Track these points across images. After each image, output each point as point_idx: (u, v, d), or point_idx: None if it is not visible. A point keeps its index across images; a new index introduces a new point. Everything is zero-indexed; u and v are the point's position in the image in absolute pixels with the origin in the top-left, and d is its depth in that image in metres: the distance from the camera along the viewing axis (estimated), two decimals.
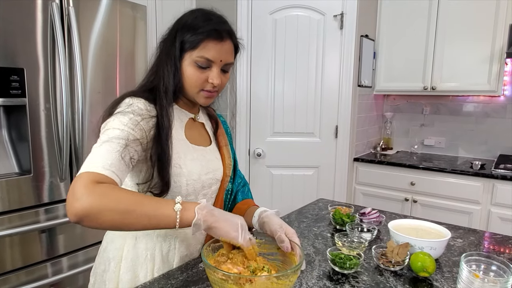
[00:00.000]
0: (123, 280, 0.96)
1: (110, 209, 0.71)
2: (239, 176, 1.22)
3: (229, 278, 0.73)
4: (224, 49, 0.93)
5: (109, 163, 0.77)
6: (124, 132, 0.83)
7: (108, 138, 0.81)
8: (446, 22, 2.64)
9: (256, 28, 2.52)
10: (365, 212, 1.34)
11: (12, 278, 1.48)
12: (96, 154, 0.78)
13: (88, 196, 0.70)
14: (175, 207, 0.76)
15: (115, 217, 0.72)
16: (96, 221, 0.71)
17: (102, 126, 0.86)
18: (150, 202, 0.76)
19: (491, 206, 2.37)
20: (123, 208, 0.72)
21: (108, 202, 0.71)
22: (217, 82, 0.93)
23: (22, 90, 1.46)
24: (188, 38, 0.91)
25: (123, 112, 0.87)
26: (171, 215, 0.75)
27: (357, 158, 2.85)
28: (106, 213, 0.71)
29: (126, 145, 0.82)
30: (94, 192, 0.71)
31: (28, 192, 1.51)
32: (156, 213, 0.75)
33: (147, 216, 0.74)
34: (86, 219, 0.70)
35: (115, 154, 0.79)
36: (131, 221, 0.73)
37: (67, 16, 1.57)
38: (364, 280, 0.93)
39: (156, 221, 0.75)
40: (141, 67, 1.92)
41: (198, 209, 0.77)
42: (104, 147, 0.79)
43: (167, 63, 0.93)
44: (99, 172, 0.74)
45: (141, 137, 0.86)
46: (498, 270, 0.79)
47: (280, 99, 2.61)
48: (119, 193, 0.74)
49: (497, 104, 2.81)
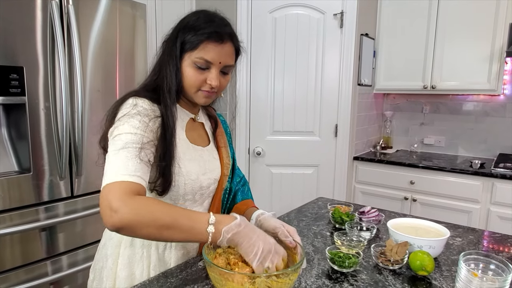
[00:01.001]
0: (120, 277, 0.97)
1: (147, 224, 0.75)
2: (238, 175, 1.22)
3: (229, 275, 0.73)
4: (224, 51, 0.93)
5: (133, 169, 0.79)
6: (138, 135, 0.84)
7: (123, 144, 0.82)
8: (446, 21, 2.64)
9: (256, 27, 2.52)
10: (365, 211, 1.34)
11: (12, 276, 1.49)
12: (117, 162, 0.80)
13: (125, 209, 0.73)
14: (209, 229, 0.78)
15: (151, 231, 0.76)
16: (133, 233, 0.76)
17: (111, 131, 0.87)
18: (186, 219, 0.79)
19: (490, 205, 2.38)
20: (160, 224, 0.75)
21: (145, 217, 0.74)
22: (215, 84, 0.93)
23: (22, 89, 1.46)
24: (188, 39, 0.91)
25: (130, 114, 0.87)
26: (204, 235, 0.78)
27: (357, 157, 2.85)
28: (143, 227, 0.75)
29: (142, 148, 0.83)
30: (130, 205, 0.74)
31: (28, 190, 1.52)
32: (191, 231, 0.79)
33: (182, 233, 0.78)
34: (124, 231, 0.75)
35: (135, 160, 0.81)
36: (166, 236, 0.78)
37: (66, 14, 1.57)
38: (363, 279, 0.93)
39: (190, 237, 0.80)
40: (141, 66, 1.92)
41: (225, 232, 0.78)
42: (123, 154, 0.81)
43: (169, 63, 0.94)
44: (127, 180, 0.77)
45: (153, 138, 0.88)
46: (497, 269, 0.80)
47: (280, 98, 2.61)
48: (156, 207, 0.77)
49: (497, 103, 2.81)
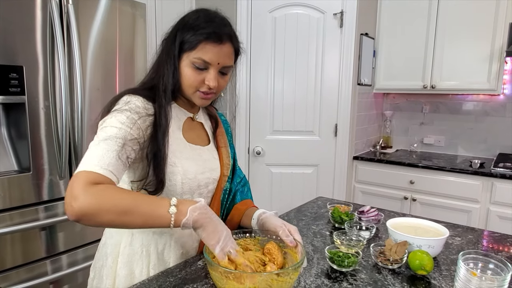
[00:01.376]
0: (119, 275, 0.97)
1: (107, 210, 0.73)
2: (239, 176, 1.22)
3: (229, 274, 0.74)
4: (223, 52, 0.92)
5: (106, 162, 0.78)
6: (122, 130, 0.83)
7: (106, 136, 0.81)
8: (446, 21, 2.64)
9: (256, 26, 2.52)
10: (364, 211, 1.34)
11: (12, 275, 1.49)
12: (94, 153, 0.79)
13: (85, 196, 0.71)
14: (170, 210, 0.77)
15: (112, 218, 0.74)
16: (94, 220, 0.73)
17: (99, 123, 0.87)
18: (147, 203, 0.78)
19: (490, 205, 2.38)
20: (120, 209, 0.74)
21: (105, 202, 0.73)
22: (213, 84, 0.93)
23: (21, 88, 1.46)
24: (187, 39, 0.91)
25: (120, 110, 0.87)
26: (166, 217, 0.77)
27: (357, 156, 2.86)
28: (103, 213, 0.73)
29: (124, 144, 0.82)
30: (91, 192, 0.72)
31: (28, 190, 1.52)
32: (152, 214, 0.77)
33: (143, 217, 0.76)
34: (83, 219, 0.72)
35: (112, 153, 0.79)
36: (127, 222, 0.76)
37: (66, 14, 1.57)
38: (362, 278, 0.93)
39: (152, 221, 0.78)
40: (141, 65, 1.92)
41: (191, 210, 0.78)
42: (102, 145, 0.80)
43: (167, 62, 0.93)
44: (96, 171, 0.76)
45: (138, 136, 0.86)
46: (496, 268, 0.80)
47: (279, 98, 2.61)
48: (116, 193, 0.75)
49: (496, 103, 2.81)
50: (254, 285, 0.73)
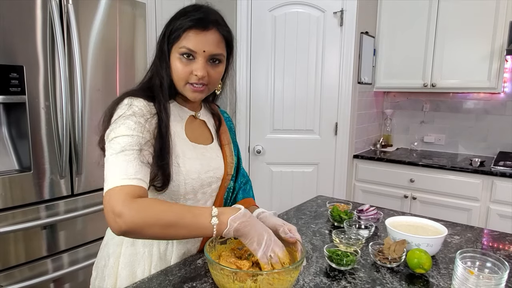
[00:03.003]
0: (121, 275, 0.97)
1: (152, 225, 0.76)
2: (242, 175, 1.22)
3: (230, 273, 0.74)
4: (208, 39, 0.90)
5: (133, 172, 0.80)
6: (134, 137, 0.84)
7: (121, 147, 0.82)
8: (446, 19, 2.63)
9: (256, 25, 2.52)
10: (363, 209, 1.34)
11: (14, 273, 1.49)
12: (117, 167, 0.80)
13: (130, 212, 0.74)
14: (212, 221, 0.79)
15: (157, 231, 0.77)
16: (140, 234, 0.77)
17: (107, 134, 0.87)
18: (189, 215, 0.80)
19: (490, 203, 2.38)
20: (164, 222, 0.77)
21: (149, 217, 0.76)
22: (201, 74, 0.91)
23: (22, 88, 1.46)
24: (173, 30, 0.92)
25: (125, 115, 0.87)
26: (208, 228, 0.80)
27: (357, 155, 2.86)
28: (148, 228, 0.76)
29: (141, 150, 0.84)
30: (134, 208, 0.75)
31: (29, 189, 1.52)
32: (195, 226, 0.80)
33: (187, 229, 0.80)
34: (130, 234, 0.76)
35: (135, 162, 0.81)
36: (172, 234, 0.80)
37: (66, 13, 1.58)
38: (361, 277, 0.94)
39: (195, 233, 0.82)
40: (141, 65, 1.92)
41: (231, 221, 0.80)
42: (121, 157, 0.81)
43: (160, 58, 0.94)
44: (127, 184, 0.78)
45: (149, 138, 0.88)
46: (493, 266, 0.80)
47: (280, 96, 2.61)
48: (159, 207, 0.78)
49: (497, 101, 2.80)
50: (256, 283, 0.73)
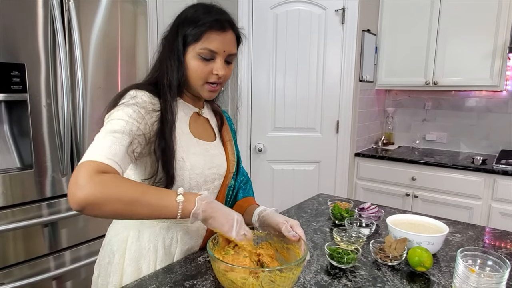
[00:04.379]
0: (127, 271, 0.97)
1: (113, 199, 0.72)
2: (242, 173, 1.23)
3: (232, 270, 0.74)
4: (227, 39, 0.94)
5: (112, 153, 0.78)
6: (129, 124, 0.84)
7: (113, 129, 0.81)
8: (448, 17, 2.62)
9: (257, 23, 2.51)
10: (364, 207, 1.34)
11: (15, 271, 1.50)
12: (100, 144, 0.78)
13: (91, 185, 0.71)
14: (178, 199, 0.78)
15: (118, 207, 0.73)
16: (99, 210, 0.72)
17: (105, 117, 0.87)
18: (153, 193, 0.78)
19: (492, 202, 2.37)
20: (126, 198, 0.74)
21: (111, 191, 0.72)
22: (222, 73, 0.94)
23: (23, 86, 1.46)
24: (190, 32, 0.92)
25: (127, 103, 0.87)
26: (173, 206, 0.77)
27: (358, 153, 2.85)
28: (109, 202, 0.72)
29: (131, 137, 0.83)
30: (97, 181, 0.72)
31: (31, 186, 1.53)
32: (159, 203, 0.77)
33: (150, 206, 0.76)
34: (88, 208, 0.71)
35: (119, 145, 0.79)
36: (134, 211, 0.75)
37: (67, 11, 1.57)
38: (362, 275, 0.94)
39: (159, 211, 0.78)
40: (142, 62, 1.92)
41: (199, 200, 0.79)
42: (109, 137, 0.80)
43: (170, 57, 0.94)
44: (102, 161, 0.75)
45: (145, 131, 0.87)
46: (494, 265, 0.80)
47: (281, 94, 2.60)
48: (123, 182, 0.75)
49: (499, 99, 2.79)
50: (257, 280, 0.73)
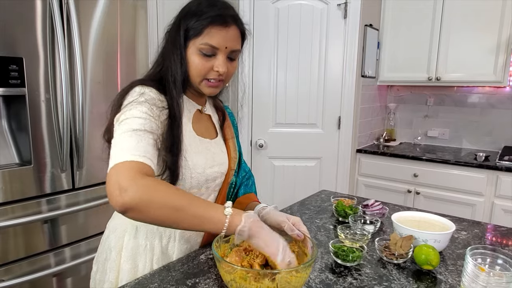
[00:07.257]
0: (123, 269, 0.96)
1: (159, 204, 0.70)
2: (244, 169, 1.21)
3: (248, 273, 0.71)
4: (229, 35, 0.90)
5: (143, 150, 0.76)
6: (147, 121, 0.81)
7: (132, 127, 0.79)
8: (452, 12, 2.59)
9: (259, 18, 2.48)
10: (368, 204, 1.32)
11: (15, 268, 1.49)
12: (126, 144, 0.76)
13: (137, 188, 0.69)
14: (226, 211, 0.75)
15: (164, 212, 0.71)
16: (143, 214, 0.70)
17: (117, 118, 0.84)
18: (200, 202, 0.76)
19: (494, 198, 2.36)
20: (173, 204, 0.72)
21: (158, 196, 0.70)
22: (223, 70, 0.90)
23: (22, 80, 1.44)
24: (192, 25, 0.88)
25: (137, 101, 0.84)
26: (220, 219, 0.74)
27: (360, 149, 2.83)
28: (155, 207, 0.70)
29: (152, 133, 0.81)
30: (142, 184, 0.69)
31: (30, 182, 1.51)
32: (205, 214, 0.74)
33: (197, 216, 0.74)
34: (133, 211, 0.69)
35: (145, 141, 0.77)
36: (178, 218, 0.73)
37: (66, 4, 1.55)
38: (367, 273, 0.92)
39: (203, 222, 0.75)
40: (142, 57, 1.89)
41: (246, 217, 0.76)
42: (132, 135, 0.77)
43: (173, 52, 0.91)
44: (137, 160, 0.73)
45: (160, 127, 0.85)
46: (504, 263, 0.78)
47: (282, 90, 2.58)
48: (168, 188, 0.73)
49: (502, 95, 2.77)
50: (274, 283, 0.71)
